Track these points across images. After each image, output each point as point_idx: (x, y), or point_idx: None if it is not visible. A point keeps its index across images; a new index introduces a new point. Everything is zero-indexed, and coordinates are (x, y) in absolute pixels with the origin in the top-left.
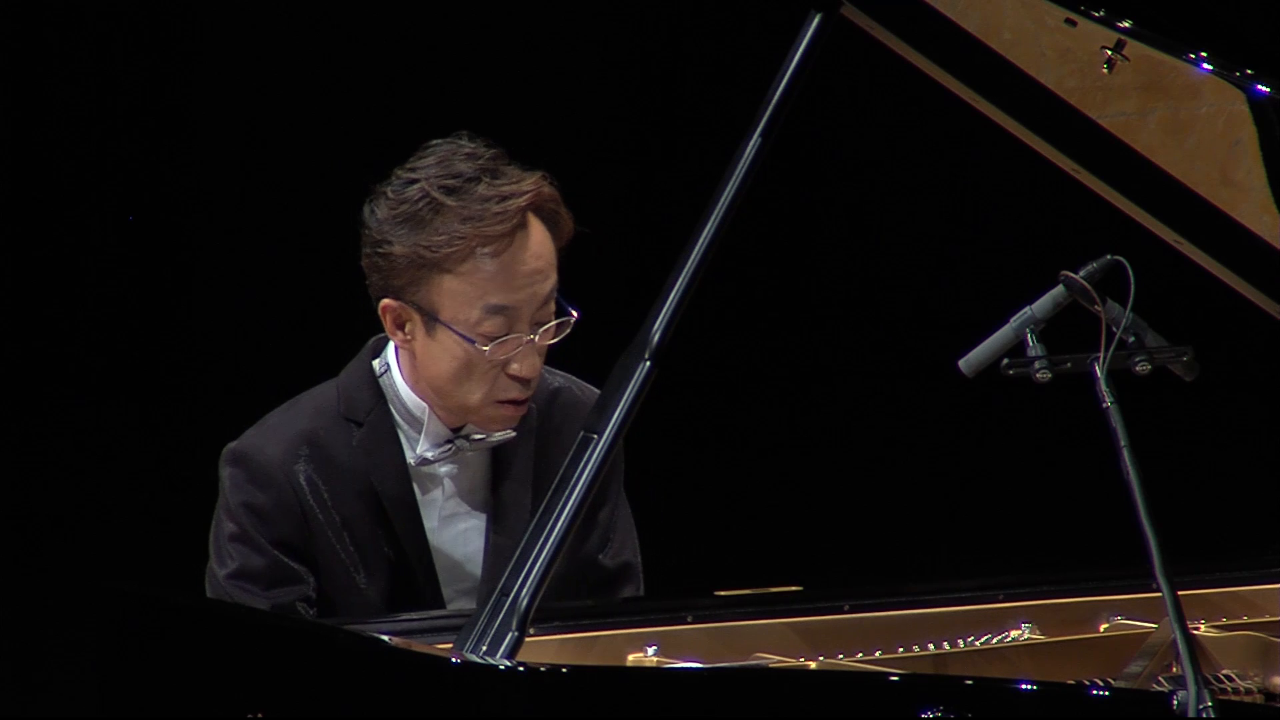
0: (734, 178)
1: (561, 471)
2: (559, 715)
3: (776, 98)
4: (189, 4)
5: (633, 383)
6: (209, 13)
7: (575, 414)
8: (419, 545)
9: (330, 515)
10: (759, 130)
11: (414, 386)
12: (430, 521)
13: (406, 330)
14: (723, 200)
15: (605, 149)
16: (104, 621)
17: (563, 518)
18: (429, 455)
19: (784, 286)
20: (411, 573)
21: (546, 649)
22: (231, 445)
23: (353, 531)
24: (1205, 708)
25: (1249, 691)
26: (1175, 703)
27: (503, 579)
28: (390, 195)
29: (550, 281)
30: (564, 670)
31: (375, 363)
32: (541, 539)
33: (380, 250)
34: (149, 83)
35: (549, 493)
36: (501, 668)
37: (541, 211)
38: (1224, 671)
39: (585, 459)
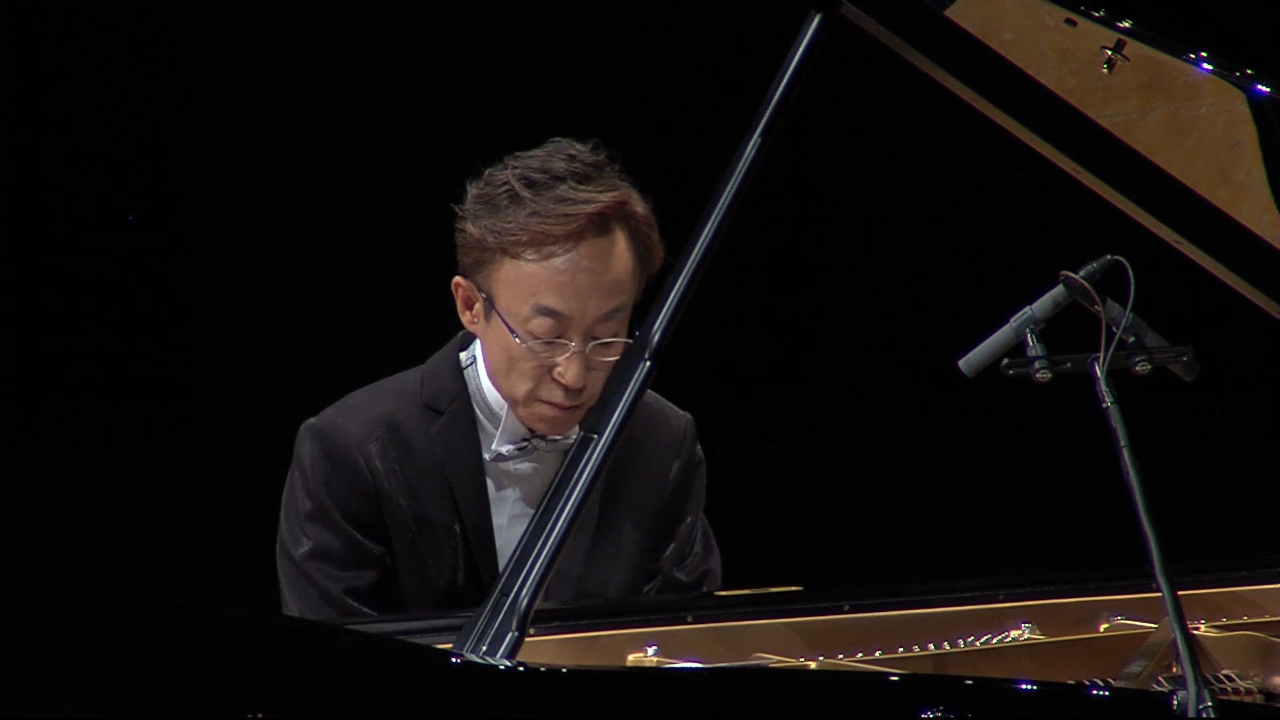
0: (734, 178)
1: (561, 471)
2: (559, 715)
3: (776, 98)
4: (190, 3)
5: (632, 382)
6: (210, 11)
7: (656, 429)
8: (485, 540)
9: (402, 501)
10: (759, 130)
11: (491, 377)
12: (499, 519)
13: (474, 310)
14: (722, 200)
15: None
16: (104, 621)
17: (563, 518)
18: (504, 451)
19: (784, 286)
20: (476, 567)
21: (546, 649)
22: (310, 422)
23: (423, 519)
24: (1205, 708)
25: (1249, 691)
26: (1175, 703)
27: (503, 579)
28: (485, 177)
29: (614, 301)
30: (564, 670)
31: (463, 355)
32: (542, 539)
33: (460, 226)
34: (149, 82)
35: (549, 493)
36: (501, 668)
37: (629, 228)
38: (1224, 671)
39: (585, 459)
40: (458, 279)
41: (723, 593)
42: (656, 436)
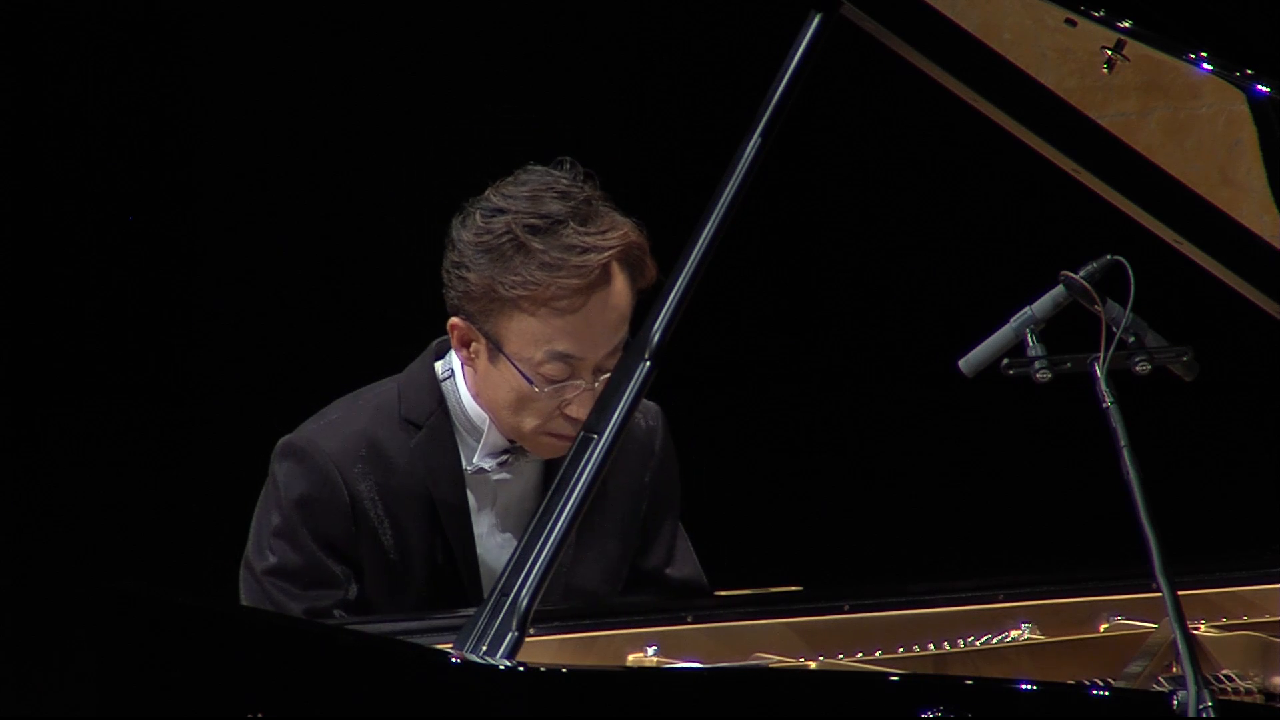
0: (734, 178)
1: (561, 472)
2: (559, 715)
3: (776, 98)
4: (190, 3)
5: (632, 382)
6: (210, 11)
7: (632, 435)
8: (467, 552)
9: (381, 517)
10: (759, 130)
11: (476, 396)
12: (479, 529)
13: (471, 349)
14: (723, 200)
15: (604, 149)
16: (104, 621)
17: (563, 518)
18: (486, 465)
19: (783, 287)
20: (457, 579)
21: (546, 649)
22: (288, 438)
23: (402, 535)
24: (1205, 708)
25: (1249, 691)
26: (1175, 703)
27: (503, 579)
28: (479, 221)
29: (621, 334)
30: (564, 670)
31: (438, 365)
32: (542, 539)
33: (458, 272)
34: (149, 81)
35: (549, 493)
36: (501, 668)
37: (627, 259)
38: (1224, 671)
39: (585, 459)
40: (455, 321)
41: (723, 593)
42: (632, 439)
